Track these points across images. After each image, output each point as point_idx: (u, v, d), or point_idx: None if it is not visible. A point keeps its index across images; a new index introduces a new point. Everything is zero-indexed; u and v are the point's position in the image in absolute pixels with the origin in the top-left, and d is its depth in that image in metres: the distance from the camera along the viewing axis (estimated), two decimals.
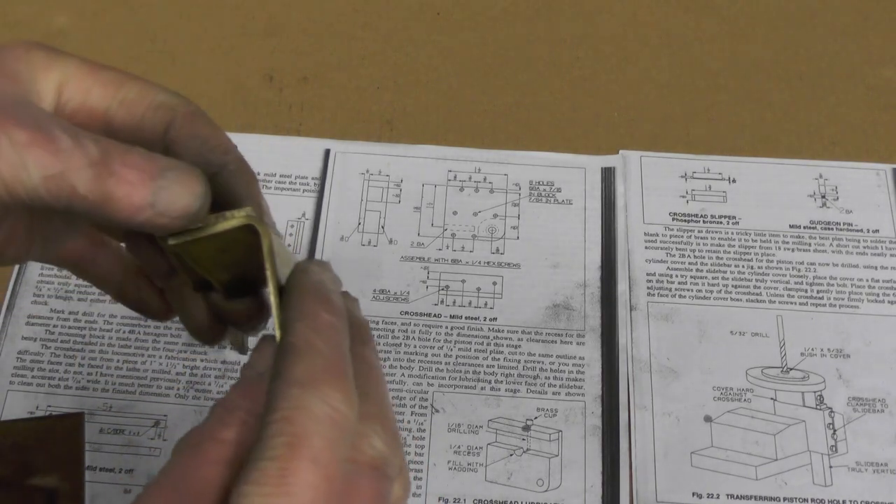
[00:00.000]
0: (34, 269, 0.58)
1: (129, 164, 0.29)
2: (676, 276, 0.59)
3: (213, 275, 0.33)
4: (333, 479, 0.27)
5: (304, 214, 0.60)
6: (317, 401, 0.28)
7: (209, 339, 0.37)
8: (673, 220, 0.61)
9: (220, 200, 0.33)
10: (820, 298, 0.58)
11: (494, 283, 0.58)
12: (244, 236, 0.31)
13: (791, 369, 0.56)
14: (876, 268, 0.59)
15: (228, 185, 0.33)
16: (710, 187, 0.62)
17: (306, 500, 0.26)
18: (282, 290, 0.31)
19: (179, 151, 0.33)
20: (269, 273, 0.30)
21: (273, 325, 0.30)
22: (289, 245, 0.59)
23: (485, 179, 0.62)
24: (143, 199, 0.30)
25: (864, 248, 0.60)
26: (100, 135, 0.32)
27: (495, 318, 0.57)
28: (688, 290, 0.58)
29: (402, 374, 0.55)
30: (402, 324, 0.57)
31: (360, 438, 0.29)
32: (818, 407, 0.54)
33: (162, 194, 0.30)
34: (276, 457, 0.27)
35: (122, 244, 0.38)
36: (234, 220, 0.31)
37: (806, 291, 0.58)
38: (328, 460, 0.27)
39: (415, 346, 0.56)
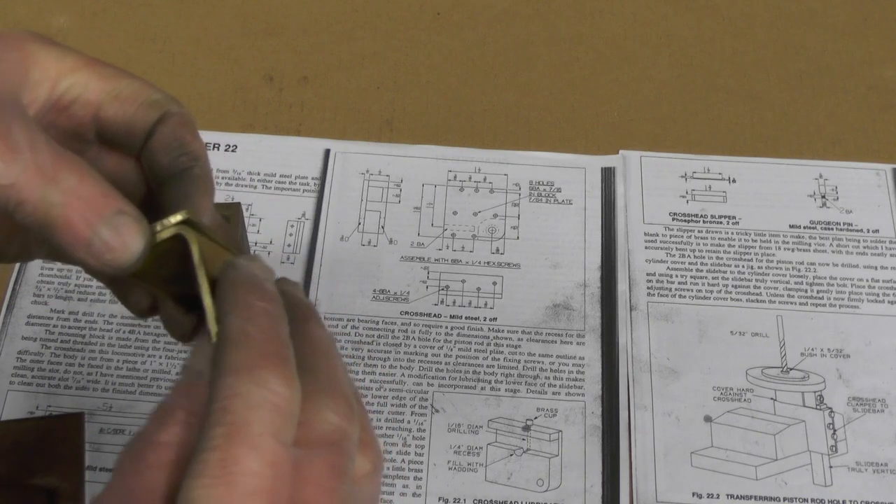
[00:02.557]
0: (34, 269, 0.58)
1: (80, 195, 0.29)
2: (676, 276, 0.59)
3: (161, 288, 0.33)
4: (278, 463, 0.27)
5: (304, 214, 0.60)
6: (252, 386, 0.27)
7: (183, 336, 0.36)
8: (673, 220, 0.61)
9: (172, 201, 0.33)
10: (820, 298, 0.58)
11: (494, 283, 0.58)
12: (181, 246, 0.31)
13: (791, 369, 0.56)
14: (876, 268, 0.59)
15: (185, 187, 0.33)
16: (710, 187, 0.62)
17: (251, 488, 0.26)
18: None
19: (156, 148, 0.33)
20: (199, 278, 0.30)
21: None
22: (288, 245, 0.59)
23: (485, 179, 0.62)
24: (80, 237, 0.30)
25: (864, 248, 0.60)
26: (86, 133, 0.32)
27: (495, 318, 0.57)
28: (688, 290, 0.58)
29: (402, 374, 0.55)
30: (402, 324, 0.57)
31: (310, 416, 0.29)
32: (818, 407, 0.54)
33: (97, 241, 0.30)
34: (215, 447, 0.26)
35: None
36: (165, 230, 0.30)
37: (806, 291, 0.58)
38: (270, 445, 0.27)
39: (415, 346, 0.56)
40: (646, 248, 0.60)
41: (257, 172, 0.62)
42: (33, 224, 0.29)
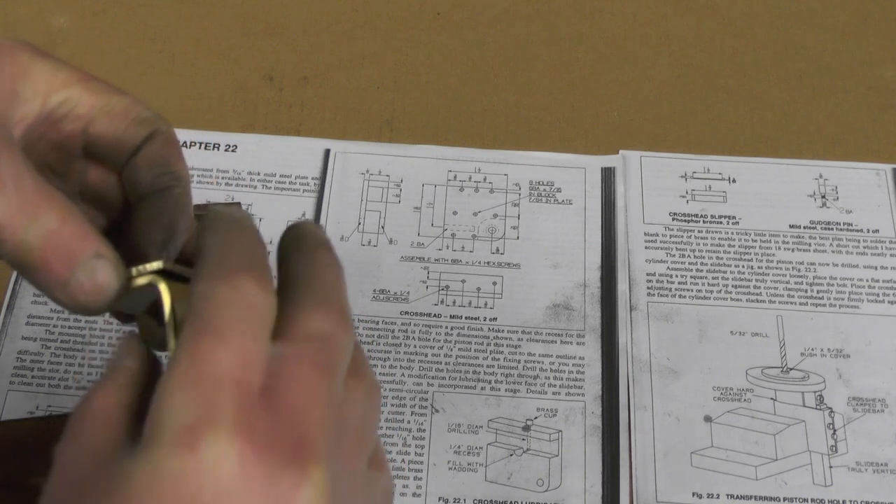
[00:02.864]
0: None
1: (60, 237, 0.30)
2: (676, 276, 0.59)
3: (135, 313, 0.33)
4: (249, 355, 0.27)
5: (303, 214, 0.60)
6: (224, 288, 0.28)
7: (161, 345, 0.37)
8: (673, 220, 0.61)
9: (148, 217, 0.34)
10: (820, 298, 0.58)
11: (494, 283, 0.58)
12: (155, 292, 0.31)
13: (791, 369, 0.56)
14: (876, 268, 0.59)
15: (164, 204, 0.34)
16: (710, 187, 0.62)
17: (218, 375, 0.26)
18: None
19: (141, 165, 0.34)
20: (167, 329, 0.30)
21: None
22: None
23: (485, 179, 0.62)
24: (57, 279, 0.30)
25: (864, 248, 0.60)
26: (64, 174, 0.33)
27: (495, 318, 0.57)
28: (688, 290, 0.58)
29: (402, 374, 0.55)
30: (402, 324, 0.57)
31: (295, 320, 0.29)
32: (818, 407, 0.54)
33: (73, 283, 0.30)
34: (185, 346, 0.26)
35: None
36: (140, 277, 0.31)
37: (806, 291, 0.58)
38: (238, 337, 0.27)
39: (415, 346, 0.56)
40: (646, 248, 0.60)
41: (257, 172, 0.62)
42: (11, 262, 0.30)
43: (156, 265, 0.31)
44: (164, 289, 0.31)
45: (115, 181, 0.35)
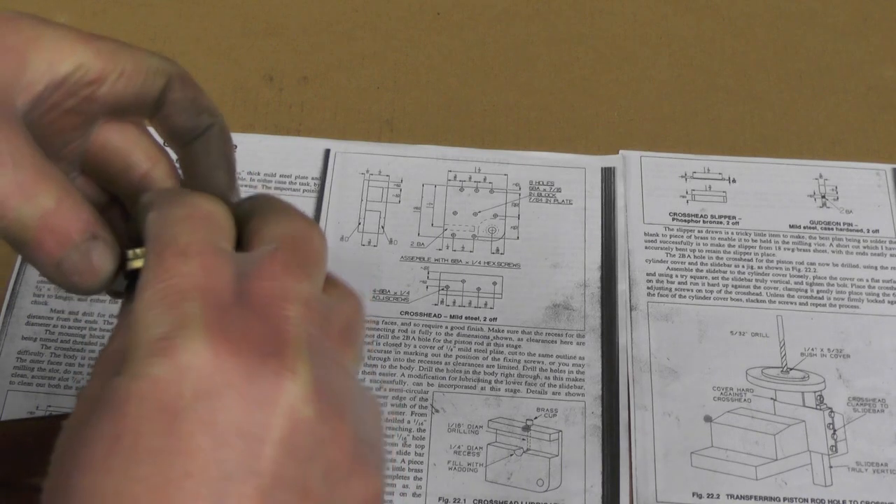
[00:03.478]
0: (34, 269, 0.58)
1: (55, 217, 0.30)
2: (676, 276, 0.59)
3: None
4: (213, 262, 0.27)
5: None
6: (176, 208, 0.28)
7: None
8: (673, 220, 0.61)
9: (197, 164, 0.34)
10: (820, 298, 0.58)
11: (494, 283, 0.58)
12: None
13: (791, 369, 0.56)
14: (876, 268, 0.59)
15: (209, 148, 0.34)
16: (710, 187, 0.62)
17: (184, 286, 0.26)
18: None
19: (172, 113, 0.34)
20: None
21: None
22: None
23: (485, 179, 0.62)
24: (50, 258, 0.30)
25: (864, 248, 0.60)
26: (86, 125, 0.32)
27: (495, 318, 0.57)
28: (688, 290, 0.58)
29: (402, 374, 0.55)
30: (402, 324, 0.57)
31: (258, 229, 0.29)
32: (818, 407, 0.54)
33: (66, 264, 0.30)
34: (149, 267, 0.27)
35: None
36: (136, 260, 0.31)
37: (806, 291, 0.58)
38: (198, 248, 0.27)
39: (415, 346, 0.56)
40: (646, 248, 0.60)
41: (257, 172, 0.62)
42: (6, 238, 0.30)
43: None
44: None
45: (148, 137, 0.35)
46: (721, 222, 0.61)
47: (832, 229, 0.61)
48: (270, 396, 0.25)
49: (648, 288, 0.58)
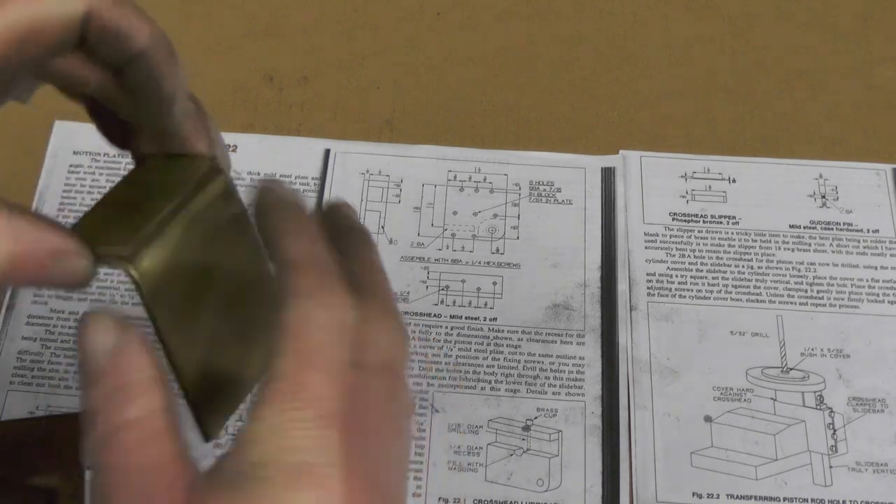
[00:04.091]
0: None
1: (22, 250, 0.29)
2: (676, 276, 0.59)
3: None
4: (347, 387, 0.27)
5: None
6: (320, 310, 0.27)
7: None
8: (673, 220, 0.61)
9: (140, 106, 0.32)
10: (820, 298, 0.58)
11: (494, 283, 0.58)
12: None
13: (791, 369, 0.56)
14: (876, 268, 0.59)
15: (142, 81, 0.31)
16: (710, 187, 0.62)
17: (322, 412, 0.26)
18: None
19: (94, 44, 0.30)
20: (148, 315, 0.30)
21: None
22: None
23: (485, 179, 0.62)
24: (32, 282, 0.30)
25: (864, 248, 0.60)
26: None
27: (495, 318, 0.57)
28: (688, 290, 0.58)
29: None
30: None
31: (367, 339, 0.28)
32: (818, 407, 0.54)
33: (50, 280, 0.30)
34: (286, 374, 0.26)
35: None
36: (115, 261, 0.30)
37: (806, 291, 0.58)
38: (340, 369, 0.27)
39: (415, 346, 0.56)
40: (646, 248, 0.60)
41: (257, 172, 0.62)
42: None
43: (121, 249, 0.30)
44: (135, 275, 0.30)
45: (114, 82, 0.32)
46: (721, 222, 0.61)
47: (832, 229, 0.61)
48: None
49: (648, 288, 0.58)
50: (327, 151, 0.63)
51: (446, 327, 0.57)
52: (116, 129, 0.34)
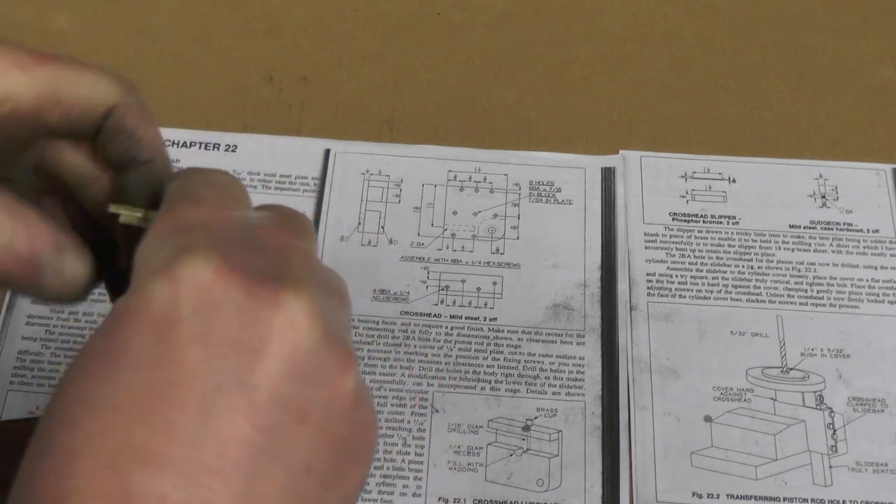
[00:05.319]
0: None
1: (19, 245, 0.30)
2: (676, 276, 0.59)
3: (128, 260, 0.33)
4: (226, 215, 0.28)
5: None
6: (198, 174, 0.30)
7: None
8: (673, 220, 0.61)
9: (128, 195, 0.33)
10: (820, 298, 0.58)
11: (494, 283, 0.58)
12: None
13: (791, 369, 0.56)
14: (876, 268, 0.59)
15: (138, 182, 0.33)
16: (710, 187, 0.62)
17: (196, 224, 0.27)
18: None
19: (106, 141, 0.32)
20: None
21: None
22: None
23: (485, 179, 0.62)
24: (28, 281, 0.30)
25: (864, 248, 0.60)
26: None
27: (495, 318, 0.57)
28: (688, 290, 0.58)
29: (402, 374, 0.55)
30: (402, 324, 0.57)
31: (265, 206, 0.30)
32: (818, 407, 0.54)
33: (44, 282, 0.31)
34: (165, 208, 0.28)
35: None
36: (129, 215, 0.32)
37: (806, 291, 0.58)
38: (214, 203, 0.28)
39: (415, 346, 0.56)
40: (646, 248, 0.60)
41: (257, 172, 0.62)
42: None
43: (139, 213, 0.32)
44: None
45: (81, 155, 0.34)
46: (721, 222, 0.61)
47: (832, 229, 0.61)
48: (271, 311, 0.25)
49: (648, 288, 0.58)
50: (327, 151, 0.63)
51: (446, 327, 0.57)
52: (118, 282, 0.35)
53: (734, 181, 0.62)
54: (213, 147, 0.63)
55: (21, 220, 0.30)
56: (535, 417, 0.54)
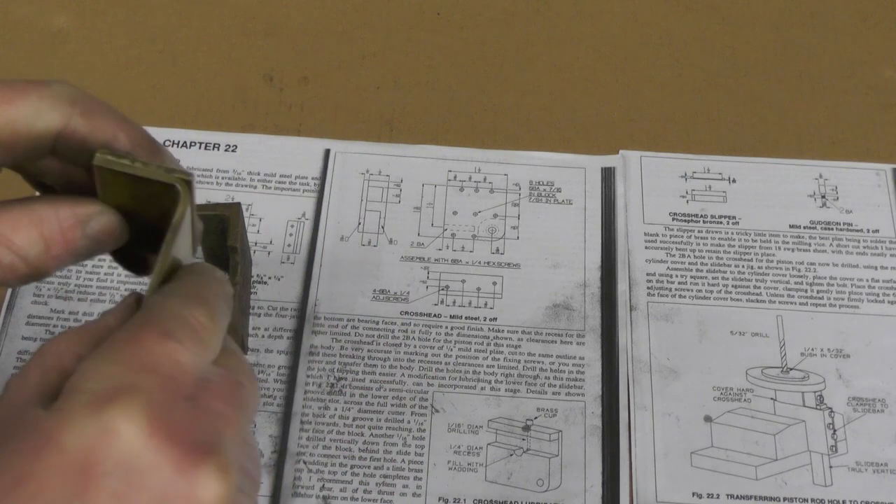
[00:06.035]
0: None
1: (52, 239, 0.31)
2: (676, 276, 0.59)
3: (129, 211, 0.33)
4: (184, 366, 0.27)
5: (304, 214, 0.60)
6: (178, 304, 0.29)
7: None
8: (673, 220, 0.61)
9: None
10: (820, 298, 0.58)
11: (494, 283, 0.58)
12: (161, 198, 0.31)
13: (791, 369, 0.56)
14: (876, 268, 0.59)
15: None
16: (710, 187, 0.62)
17: (149, 365, 0.27)
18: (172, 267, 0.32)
19: (64, 150, 0.32)
20: (166, 241, 0.31)
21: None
22: (288, 245, 0.59)
23: (485, 179, 0.62)
24: (70, 257, 0.31)
25: (864, 248, 0.60)
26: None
27: (495, 318, 0.57)
28: (688, 290, 0.58)
29: (402, 374, 0.55)
30: (402, 324, 0.57)
31: (227, 352, 0.30)
32: (818, 407, 0.54)
33: (83, 249, 0.31)
34: (127, 330, 0.27)
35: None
36: (169, 176, 0.31)
37: (806, 291, 0.58)
38: (179, 344, 0.28)
39: (415, 346, 0.56)
40: (646, 248, 0.60)
41: (257, 172, 0.62)
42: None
43: (188, 175, 0.31)
44: (184, 195, 0.31)
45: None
46: (721, 222, 0.61)
47: (832, 229, 0.61)
48: (190, 487, 0.25)
49: (648, 288, 0.58)
50: (327, 151, 0.63)
51: (446, 327, 0.57)
52: (133, 260, 0.35)
53: (734, 181, 0.62)
54: (213, 147, 0.63)
55: (38, 227, 0.30)
56: (535, 417, 0.54)
